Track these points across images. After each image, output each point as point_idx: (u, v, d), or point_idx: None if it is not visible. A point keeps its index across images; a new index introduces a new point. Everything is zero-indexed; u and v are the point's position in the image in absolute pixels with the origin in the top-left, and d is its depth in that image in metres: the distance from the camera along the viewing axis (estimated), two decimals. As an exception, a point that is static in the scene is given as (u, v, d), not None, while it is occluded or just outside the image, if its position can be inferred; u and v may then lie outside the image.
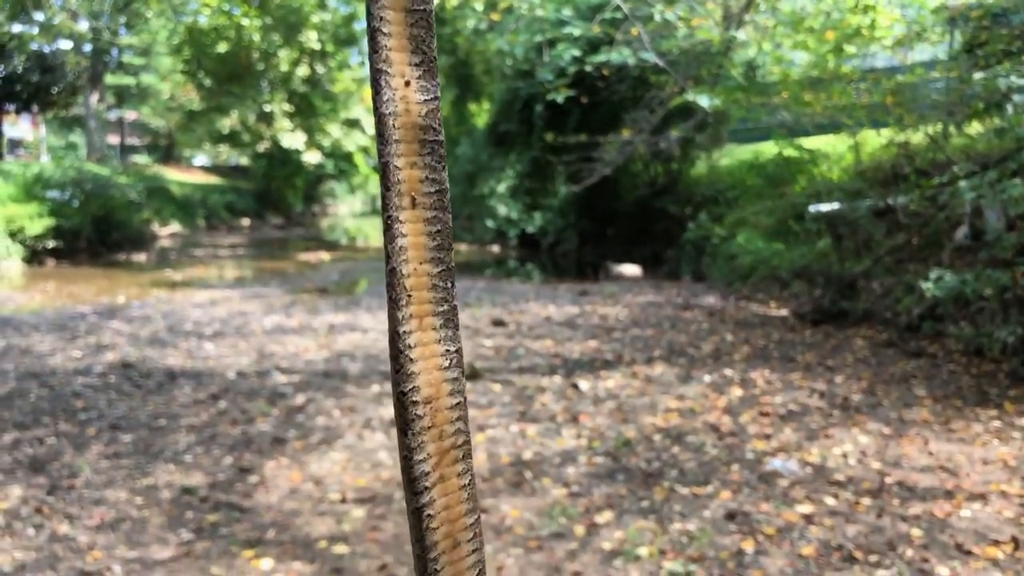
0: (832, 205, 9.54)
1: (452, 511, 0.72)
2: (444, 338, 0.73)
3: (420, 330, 0.72)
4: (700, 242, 14.22)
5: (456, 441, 0.73)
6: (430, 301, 0.73)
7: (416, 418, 0.71)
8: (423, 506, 0.70)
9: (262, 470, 5.06)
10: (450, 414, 0.73)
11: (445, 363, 0.73)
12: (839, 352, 7.86)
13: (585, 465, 5.06)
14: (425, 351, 0.72)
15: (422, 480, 0.71)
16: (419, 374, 0.72)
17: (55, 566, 3.80)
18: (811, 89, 9.13)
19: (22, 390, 6.86)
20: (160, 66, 40.34)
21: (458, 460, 0.73)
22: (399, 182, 0.72)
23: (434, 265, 0.73)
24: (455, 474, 0.72)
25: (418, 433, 0.71)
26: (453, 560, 0.71)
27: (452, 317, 0.74)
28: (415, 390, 0.71)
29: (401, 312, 0.72)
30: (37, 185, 19.65)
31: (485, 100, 27.81)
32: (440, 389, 0.73)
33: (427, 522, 0.71)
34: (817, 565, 3.70)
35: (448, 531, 0.72)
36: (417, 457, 0.71)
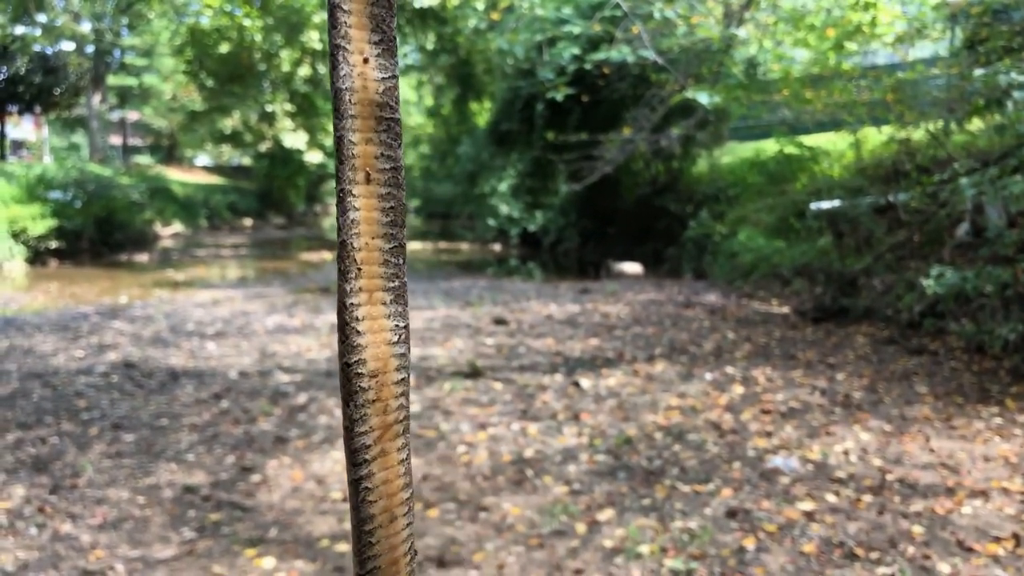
0: (833, 202, 9.54)
1: (391, 485, 0.72)
2: (393, 313, 0.74)
3: (369, 304, 0.72)
4: (701, 240, 14.22)
5: (399, 416, 0.73)
6: (381, 276, 0.73)
7: (360, 391, 0.71)
8: (361, 478, 0.71)
9: (264, 469, 5.07)
10: (395, 389, 0.73)
11: (393, 338, 0.74)
12: (840, 349, 7.86)
13: (586, 463, 5.07)
14: (373, 325, 0.72)
15: (362, 452, 0.71)
16: (366, 347, 0.72)
17: (58, 565, 3.81)
18: (812, 86, 9.12)
19: (25, 390, 6.88)
20: (162, 67, 40.41)
21: (399, 435, 0.73)
22: (353, 156, 0.73)
23: (386, 241, 0.74)
24: (395, 448, 0.73)
25: (361, 406, 0.71)
26: (389, 534, 0.72)
27: (402, 293, 0.75)
28: (361, 363, 0.72)
29: (350, 285, 0.72)
30: (40, 186, 19.68)
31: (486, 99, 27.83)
32: (387, 363, 0.73)
33: (365, 495, 0.71)
34: (818, 562, 3.70)
35: (385, 505, 0.72)
36: (359, 429, 0.71)
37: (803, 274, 10.18)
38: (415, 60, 32.88)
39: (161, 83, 41.14)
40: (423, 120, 39.13)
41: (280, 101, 36.22)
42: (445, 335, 9.17)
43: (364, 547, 0.71)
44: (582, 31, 13.01)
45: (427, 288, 13.49)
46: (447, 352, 8.26)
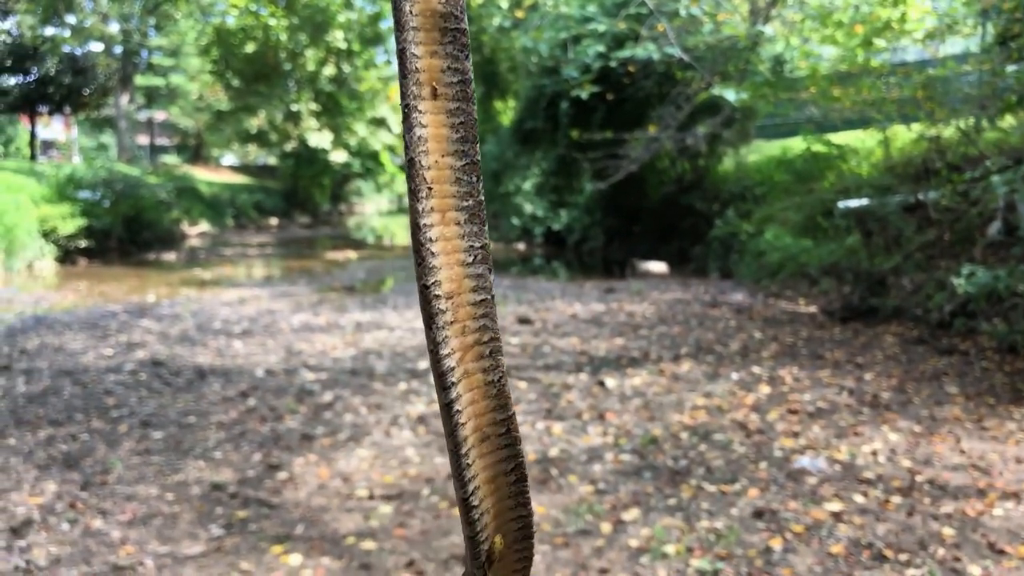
0: (861, 201, 9.44)
1: (478, 406, 0.71)
2: (468, 233, 0.72)
3: (443, 224, 0.70)
4: (727, 239, 14.13)
5: (481, 337, 0.71)
6: (453, 195, 0.71)
7: (439, 312, 0.70)
8: (451, 401, 0.69)
9: (291, 467, 5.10)
10: (473, 310, 0.71)
11: (468, 259, 0.71)
12: (868, 349, 7.78)
13: (612, 462, 5.06)
14: (447, 246, 0.70)
15: (448, 375, 0.69)
16: (440, 268, 0.70)
17: (89, 560, 3.86)
18: (840, 84, 9.03)
19: (56, 387, 6.97)
20: (189, 67, 40.79)
21: (483, 356, 0.71)
22: (417, 71, 0.69)
23: (457, 158, 0.71)
24: (480, 370, 0.71)
25: (441, 328, 0.69)
26: (483, 454, 0.71)
27: (477, 212, 0.72)
28: (437, 284, 0.70)
29: (421, 204, 0.70)
30: (69, 186, 19.93)
31: (510, 98, 27.82)
32: (462, 284, 0.71)
33: (456, 417, 0.70)
34: (847, 564, 3.66)
35: (476, 425, 0.71)
36: (442, 352, 0.69)
37: (831, 273, 10.08)
38: (439, 59, 32.89)
39: (188, 83, 41.54)
40: (447, 119, 39.12)
41: (305, 100, 36.44)
42: (470, 334, 9.17)
43: (461, 471, 0.70)
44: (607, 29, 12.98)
45: (451, 287, 13.48)
46: (472, 351, 8.25)
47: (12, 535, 4.12)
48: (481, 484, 0.71)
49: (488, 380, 0.71)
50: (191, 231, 26.73)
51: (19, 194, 18.19)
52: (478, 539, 0.71)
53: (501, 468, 0.72)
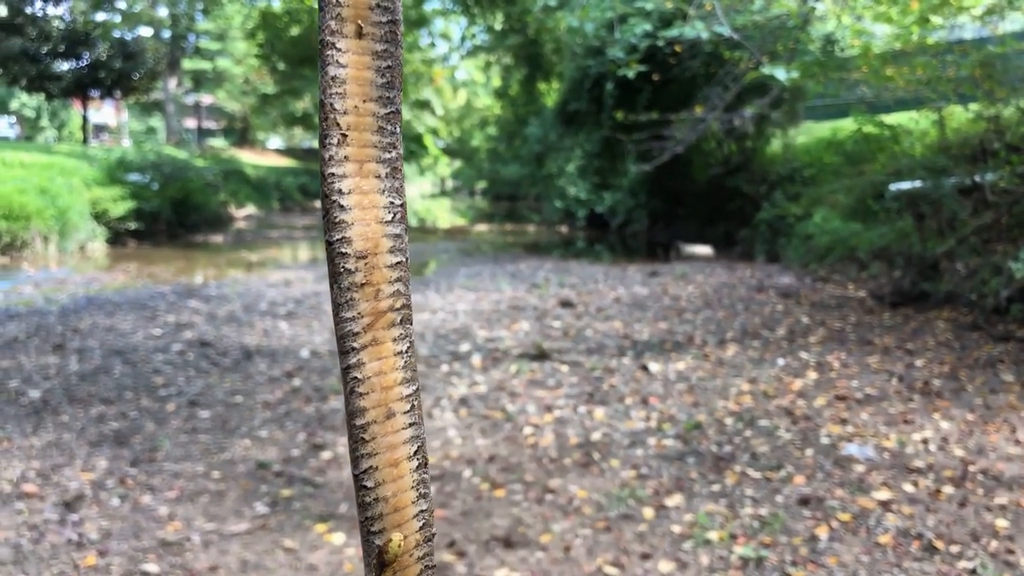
0: (914, 183, 9.19)
1: (385, 378, 0.65)
2: (388, 189, 0.66)
3: (360, 176, 0.64)
4: (775, 222, 13.91)
5: (394, 303, 0.66)
6: (374, 146, 0.65)
7: (346, 272, 0.64)
8: (350, 367, 0.64)
9: (335, 447, 5.14)
10: (389, 273, 0.66)
11: (387, 216, 0.66)
12: (919, 335, 7.60)
13: (655, 447, 5.01)
14: (363, 200, 0.65)
15: (350, 339, 0.64)
16: (352, 224, 0.64)
17: (138, 535, 3.93)
18: (893, 63, 8.78)
19: (107, 366, 7.12)
20: (235, 50, 41.23)
21: (395, 324, 0.65)
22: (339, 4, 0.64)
23: (381, 105, 0.66)
24: (390, 338, 0.65)
25: (347, 289, 0.64)
26: (386, 432, 0.64)
27: (398, 167, 0.67)
28: (345, 241, 0.64)
29: (331, 152, 0.64)
30: (119, 169, 20.30)
31: (555, 79, 27.64)
32: (379, 244, 0.65)
33: (355, 385, 0.64)
34: (895, 554, 3.59)
35: (380, 399, 0.64)
36: (346, 314, 0.64)
37: (881, 257, 9.87)
38: (483, 41, 32.85)
39: (234, 67, 41.99)
40: (490, 101, 39.12)
41: (350, 84, 36.58)
42: (511, 317, 9.17)
43: (357, 444, 0.64)
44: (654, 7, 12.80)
45: (494, 270, 13.51)
46: (513, 334, 8.26)
47: (65, 509, 4.21)
48: (380, 466, 0.64)
49: (397, 350, 0.66)
50: (238, 214, 27.08)
51: (72, 177, 18.58)
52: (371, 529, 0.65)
53: (404, 451, 0.66)
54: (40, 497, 4.37)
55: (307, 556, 3.75)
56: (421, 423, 0.66)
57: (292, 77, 36.38)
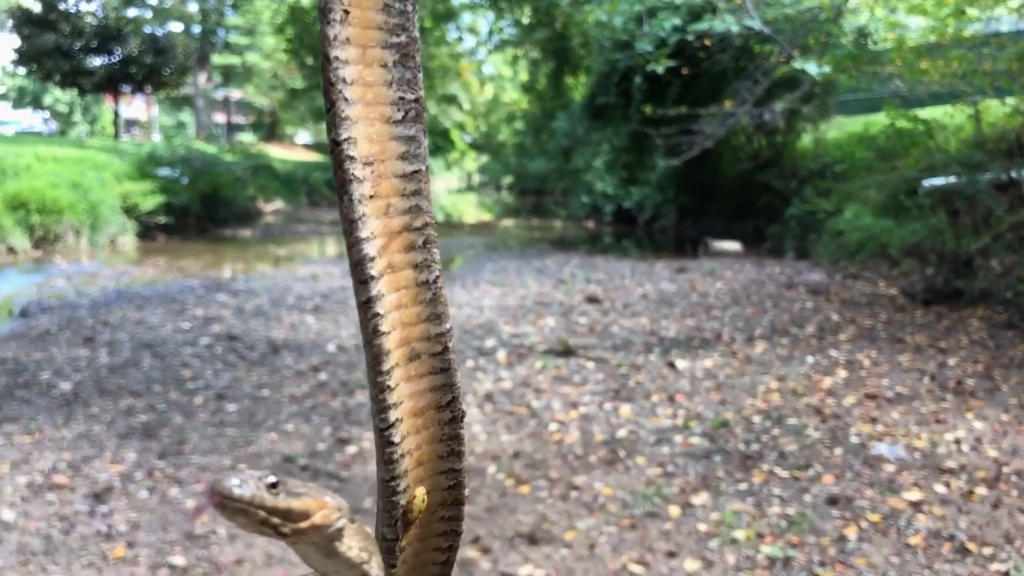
0: (948, 179, 9.03)
1: (407, 312, 0.55)
2: (397, 80, 0.55)
3: (362, 63, 0.54)
4: (805, 218, 13.75)
5: (411, 222, 0.55)
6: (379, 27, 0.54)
7: (353, 180, 0.53)
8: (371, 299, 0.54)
9: (360, 441, 5.15)
10: (401, 184, 0.55)
11: (397, 115, 0.55)
12: (952, 333, 7.47)
13: (681, 445, 4.97)
14: (367, 93, 0.54)
15: (366, 266, 0.53)
16: (357, 122, 0.54)
17: (166, 527, 3.97)
18: (928, 56, 8.63)
19: (136, 359, 7.19)
20: (264, 45, 41.50)
21: (414, 247, 0.55)
22: None
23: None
24: (409, 265, 0.55)
25: (357, 201, 0.53)
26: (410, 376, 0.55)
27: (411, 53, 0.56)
28: (350, 141, 0.53)
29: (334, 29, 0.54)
30: (150, 163, 20.51)
31: (582, 73, 27.53)
32: (386, 148, 0.55)
33: (376, 321, 0.53)
34: (926, 556, 3.53)
35: (404, 337, 0.54)
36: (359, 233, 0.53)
37: (913, 254, 9.71)
38: (511, 35, 32.78)
39: (263, 61, 42.28)
40: (518, 96, 39.07)
41: (377, 78, 36.67)
42: (537, 313, 9.15)
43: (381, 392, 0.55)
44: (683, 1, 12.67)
45: (519, 266, 13.49)
46: (539, 330, 8.23)
47: (95, 500, 4.26)
48: (405, 416, 0.55)
49: (420, 280, 0.55)
50: (266, 208, 27.25)
51: (103, 172, 18.80)
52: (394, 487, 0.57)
53: (433, 399, 0.56)
54: (70, 488, 4.42)
55: (332, 550, 3.75)
56: (454, 369, 0.56)
57: (320, 72, 36.50)
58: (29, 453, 4.91)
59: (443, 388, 0.56)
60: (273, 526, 0.54)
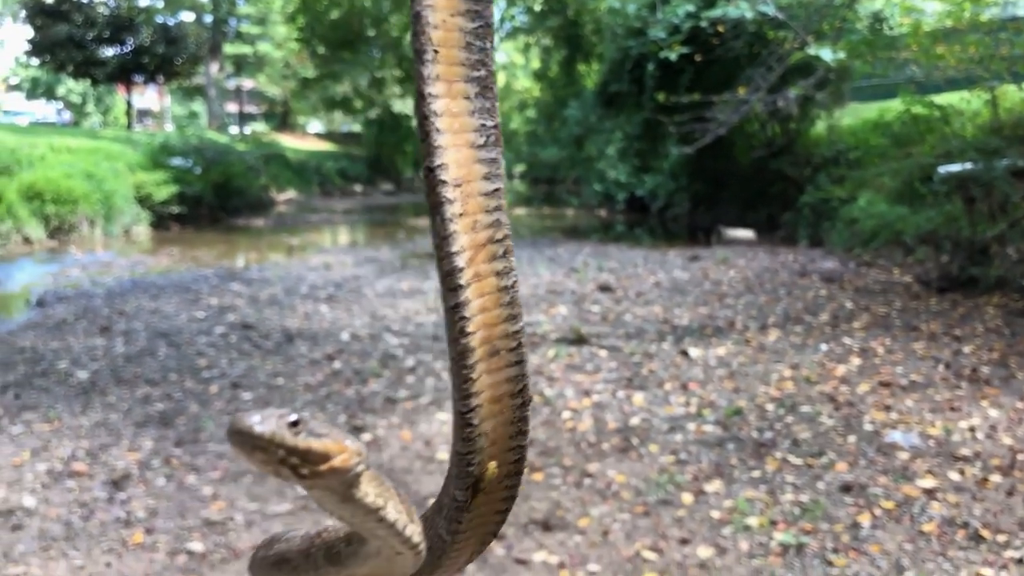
0: (964, 165, 8.96)
1: (489, 314, 0.63)
2: (479, 110, 0.62)
3: (449, 97, 0.61)
4: (819, 205, 13.68)
5: (494, 234, 0.63)
6: (462, 63, 0.62)
7: (446, 202, 0.61)
8: (459, 305, 0.62)
9: (375, 429, 5.19)
10: (485, 201, 0.62)
11: (480, 140, 0.62)
12: (968, 321, 7.43)
13: (694, 433, 4.98)
14: (455, 123, 0.61)
15: (457, 276, 0.62)
16: (447, 149, 0.61)
17: (184, 514, 4.01)
18: (944, 41, 8.55)
19: (152, 348, 7.25)
20: (276, 34, 41.50)
21: (496, 257, 0.63)
22: None
23: (469, 19, 0.62)
24: (492, 273, 0.63)
25: (449, 220, 0.61)
26: (491, 369, 0.63)
27: (489, 85, 0.63)
28: (443, 167, 0.61)
29: (427, 69, 0.61)
30: (163, 153, 20.58)
31: (595, 60, 27.42)
32: (472, 170, 0.62)
33: (463, 324, 0.62)
34: (939, 543, 3.53)
35: (486, 336, 0.62)
36: (451, 248, 0.61)
37: (928, 242, 9.66)
38: (522, 22, 32.67)
39: (275, 50, 42.28)
40: (529, 83, 38.95)
41: (389, 67, 36.68)
42: (549, 302, 9.16)
43: (464, 384, 0.63)
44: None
45: (532, 254, 13.49)
46: (551, 319, 8.24)
47: (113, 488, 4.31)
48: (484, 403, 0.63)
49: (501, 285, 0.63)
50: (279, 198, 27.34)
51: (117, 162, 18.89)
52: (470, 461, 0.65)
53: (508, 389, 0.64)
54: (89, 476, 4.47)
55: (347, 537, 3.78)
56: (525, 360, 0.65)
57: (332, 61, 36.53)
58: (48, 441, 4.97)
59: (516, 378, 0.64)
60: (292, 467, 0.56)
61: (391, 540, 0.65)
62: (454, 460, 0.66)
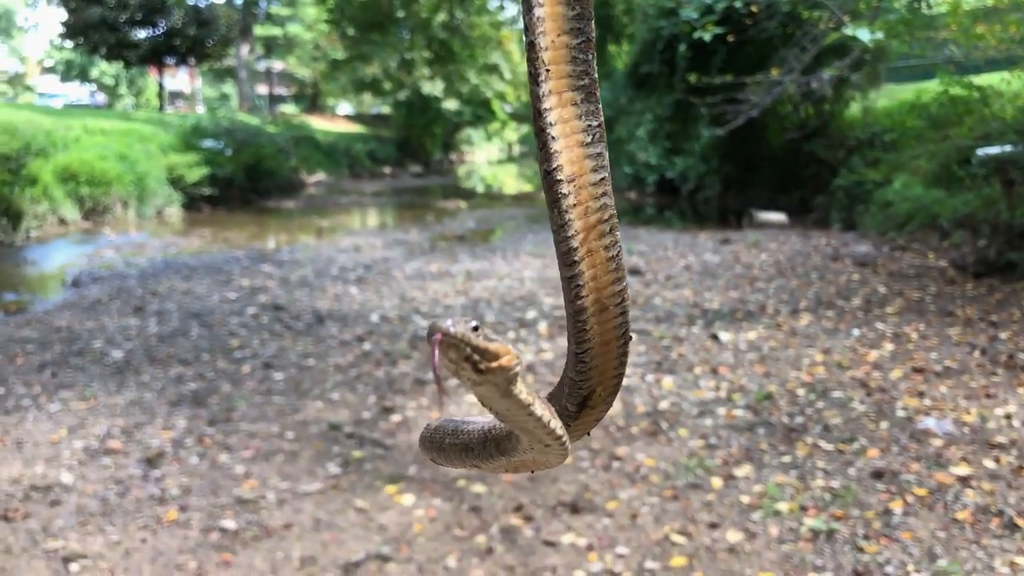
0: (1004, 148, 8.78)
1: (600, 280, 0.73)
2: (585, 113, 0.72)
3: (560, 106, 0.71)
4: (852, 188, 13.48)
5: (602, 216, 0.73)
6: (569, 75, 0.71)
7: (562, 196, 0.71)
8: (574, 276, 0.73)
9: (404, 410, 5.22)
10: (594, 190, 0.72)
11: (587, 139, 0.72)
12: (1005, 307, 7.31)
13: (724, 417, 4.95)
14: (566, 128, 0.71)
15: (571, 255, 0.72)
16: (561, 152, 0.71)
17: (216, 492, 4.07)
18: (984, 20, 8.35)
19: (184, 329, 7.34)
20: (306, 16, 41.59)
21: (604, 234, 0.73)
22: None
23: (573, 36, 0.71)
24: (602, 247, 0.73)
25: (565, 211, 0.72)
26: (601, 321, 0.74)
27: (592, 91, 0.72)
28: (559, 169, 0.71)
29: (541, 88, 0.71)
30: (194, 135, 20.75)
31: (625, 41, 27.16)
32: (582, 166, 0.72)
33: (577, 291, 0.73)
34: (973, 531, 3.49)
35: (596, 298, 0.73)
36: (567, 233, 0.72)
37: (965, 225, 9.49)
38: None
39: (304, 32, 42.39)
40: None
41: (418, 48, 36.61)
42: (580, 283, 9.12)
43: (580, 333, 0.74)
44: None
45: (562, 235, 13.43)
46: (581, 300, 8.21)
47: (148, 465, 4.38)
48: (595, 346, 0.75)
49: (609, 256, 0.74)
50: (309, 180, 27.48)
51: (149, 144, 19.08)
52: (583, 386, 0.77)
53: (614, 334, 0.75)
54: (124, 453, 4.55)
55: (378, 516, 3.82)
56: (627, 310, 0.76)
57: (361, 42, 36.52)
58: (84, 419, 5.06)
59: (620, 326, 0.75)
60: (473, 362, 0.68)
61: (539, 432, 0.77)
62: (568, 383, 0.78)
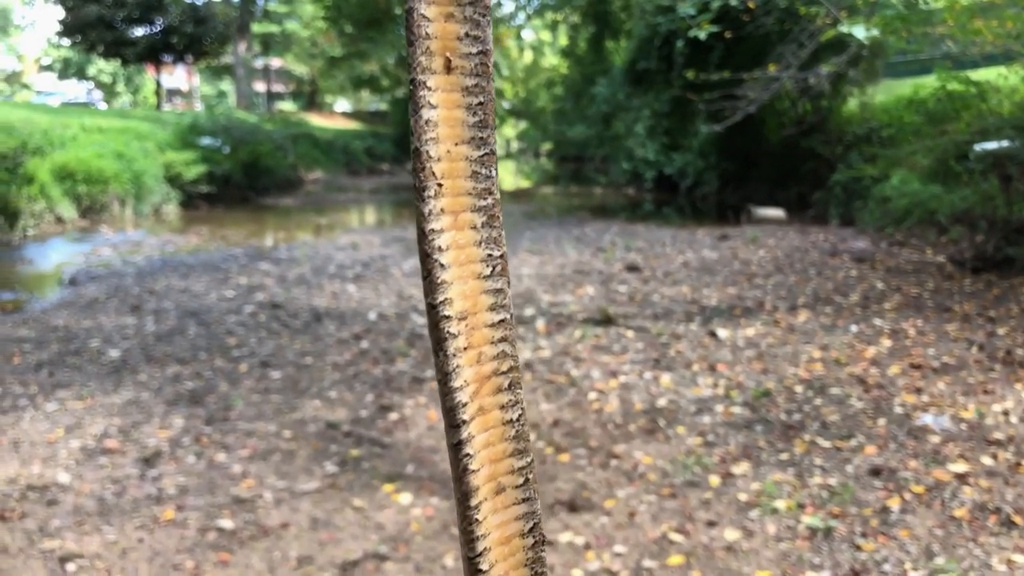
0: (1001, 143, 8.78)
1: (494, 449, 0.61)
2: (485, 240, 0.61)
3: (455, 229, 0.59)
4: (850, 184, 13.49)
5: (499, 367, 0.61)
6: (468, 193, 0.60)
7: (449, 336, 0.59)
8: (461, 442, 0.60)
9: (402, 408, 5.21)
10: (490, 333, 0.61)
11: (486, 271, 0.61)
12: (1002, 302, 7.31)
13: (721, 415, 4.95)
14: (460, 255, 0.59)
15: (459, 411, 0.59)
16: (452, 283, 0.59)
17: (213, 491, 4.06)
18: (981, 15, 8.35)
19: (182, 327, 7.33)
20: (303, 13, 41.52)
21: (501, 389, 0.61)
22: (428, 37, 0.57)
23: (474, 147, 0.60)
24: (497, 406, 0.61)
25: (452, 355, 0.59)
26: (496, 508, 0.61)
27: (495, 214, 0.61)
28: (447, 303, 0.59)
29: (429, 205, 0.58)
30: (191, 133, 20.72)
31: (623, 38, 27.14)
32: (478, 302, 0.60)
33: (466, 461, 0.60)
34: (971, 528, 3.48)
35: (491, 473, 0.60)
36: (453, 383, 0.59)
37: (963, 221, 9.49)
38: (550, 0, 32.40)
39: (302, 30, 42.32)
40: (557, 61, 38.69)
41: (416, 45, 36.47)
42: (576, 281, 9.13)
43: (470, 525, 0.60)
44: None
45: (558, 234, 13.44)
46: (578, 299, 8.22)
47: (145, 465, 4.37)
48: (493, 546, 0.61)
49: (506, 419, 0.62)
50: (307, 177, 27.43)
51: (147, 141, 19.05)
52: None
53: (517, 528, 0.62)
54: (121, 452, 4.54)
55: (375, 515, 3.82)
56: (535, 498, 0.63)
57: (359, 39, 36.47)
58: (81, 418, 5.05)
59: (526, 516, 0.62)
60: None
61: None
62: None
